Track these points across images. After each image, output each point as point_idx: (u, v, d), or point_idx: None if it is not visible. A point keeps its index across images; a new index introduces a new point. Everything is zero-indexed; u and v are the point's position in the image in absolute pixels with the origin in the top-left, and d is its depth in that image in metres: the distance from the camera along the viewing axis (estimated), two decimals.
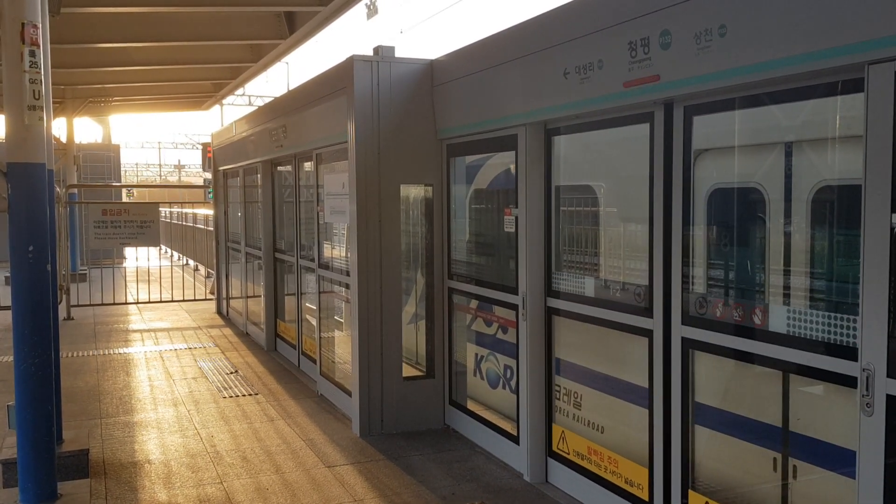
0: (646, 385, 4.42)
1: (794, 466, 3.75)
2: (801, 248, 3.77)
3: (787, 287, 3.80)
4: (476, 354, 6.52)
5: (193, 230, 20.57)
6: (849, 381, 3.26)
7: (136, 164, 62.84)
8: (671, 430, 4.26)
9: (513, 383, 5.76)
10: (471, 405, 6.49)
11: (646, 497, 4.47)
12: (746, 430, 4.00)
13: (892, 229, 2.99)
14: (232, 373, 8.89)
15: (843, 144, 3.51)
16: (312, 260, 8.31)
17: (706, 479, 4.18)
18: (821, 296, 3.66)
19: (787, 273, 3.82)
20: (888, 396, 3.05)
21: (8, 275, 4.83)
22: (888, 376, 3.04)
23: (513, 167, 5.57)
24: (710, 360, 4.11)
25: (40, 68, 4.50)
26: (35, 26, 4.45)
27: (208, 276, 17.69)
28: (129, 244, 13.87)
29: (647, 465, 4.45)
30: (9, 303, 4.73)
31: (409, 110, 6.48)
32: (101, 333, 11.53)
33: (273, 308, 10.38)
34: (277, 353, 10.14)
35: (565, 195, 5.37)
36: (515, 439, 5.66)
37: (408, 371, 6.81)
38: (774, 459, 3.83)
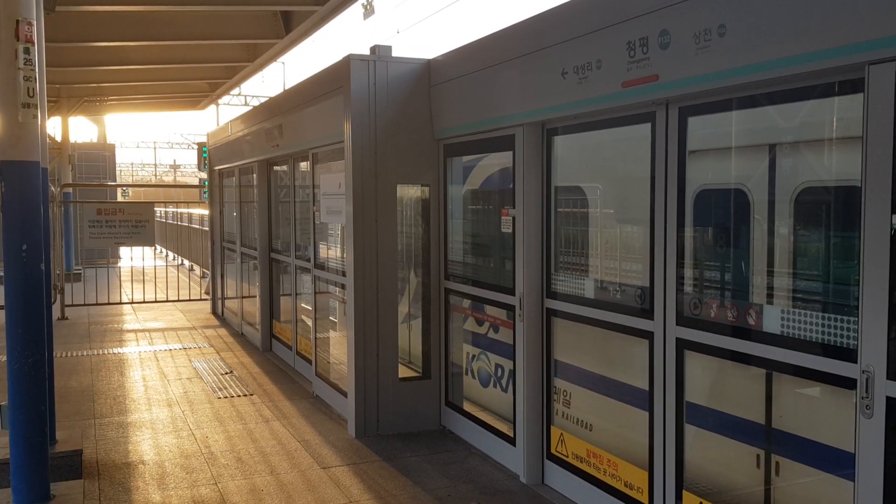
0: (646, 387, 4.40)
1: (778, 463, 3.74)
2: (800, 250, 3.76)
3: (783, 288, 3.79)
4: (473, 356, 6.51)
5: (189, 230, 20.52)
6: (847, 383, 3.24)
7: (132, 164, 62.78)
8: (668, 431, 4.24)
9: (508, 384, 5.74)
10: (467, 406, 6.47)
11: (645, 501, 4.45)
12: (740, 431, 3.98)
13: (892, 230, 2.97)
14: (227, 373, 8.85)
15: (841, 145, 3.50)
16: (308, 260, 8.29)
17: (702, 481, 4.17)
18: (817, 297, 3.65)
19: (782, 274, 3.81)
20: (888, 398, 3.03)
21: (1, 274, 4.79)
22: (888, 378, 3.02)
23: (510, 167, 5.55)
24: (705, 361, 4.10)
25: (35, 66, 4.46)
26: (30, 23, 4.42)
27: (203, 276, 17.65)
28: (124, 244, 13.84)
29: (646, 468, 4.43)
30: (2, 302, 4.69)
31: (406, 110, 6.46)
32: (96, 333, 11.48)
33: (268, 308, 10.35)
34: (273, 353, 10.11)
35: (563, 196, 5.35)
36: (512, 441, 5.64)
37: (403, 372, 6.79)
38: (757, 456, 3.82)
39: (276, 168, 10.15)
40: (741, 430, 4.00)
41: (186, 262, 21.13)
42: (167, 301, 14.68)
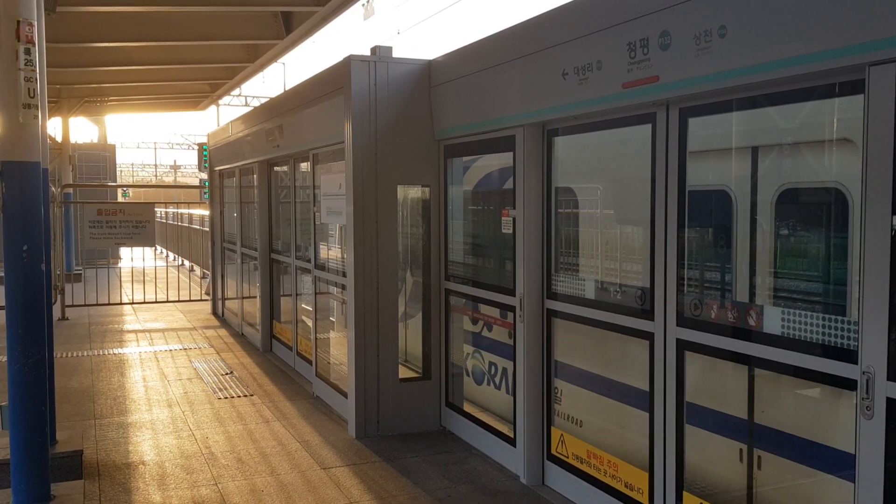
0: (646, 388, 4.40)
1: (760, 457, 3.74)
2: (802, 251, 3.76)
3: (781, 289, 3.79)
4: (468, 354, 6.50)
5: (189, 231, 20.51)
6: (848, 384, 3.24)
7: (132, 165, 62.81)
8: (668, 432, 4.24)
9: (507, 383, 5.74)
10: (467, 407, 6.47)
11: (645, 501, 4.45)
12: (738, 431, 3.98)
13: (892, 231, 2.97)
14: (227, 374, 8.85)
15: (841, 146, 3.50)
16: (309, 261, 8.29)
17: (702, 482, 4.17)
18: (816, 298, 3.65)
19: (780, 275, 3.81)
20: (888, 399, 3.03)
21: (2, 274, 4.79)
22: (888, 379, 3.02)
23: (510, 167, 5.54)
24: (705, 362, 4.10)
25: (35, 66, 4.47)
26: (30, 24, 4.42)
27: (204, 276, 17.64)
28: (124, 244, 13.83)
29: (647, 468, 4.43)
30: (2, 302, 4.69)
31: (406, 111, 6.46)
32: (96, 334, 11.48)
33: (269, 309, 10.35)
34: (273, 354, 10.10)
35: (563, 197, 5.35)
36: (512, 441, 5.64)
37: (404, 372, 6.79)
38: (740, 451, 3.81)
39: (276, 168, 10.15)
40: (737, 429, 4.00)
41: (187, 263, 21.12)
42: (167, 301, 14.68)
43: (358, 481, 5.49)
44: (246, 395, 7.88)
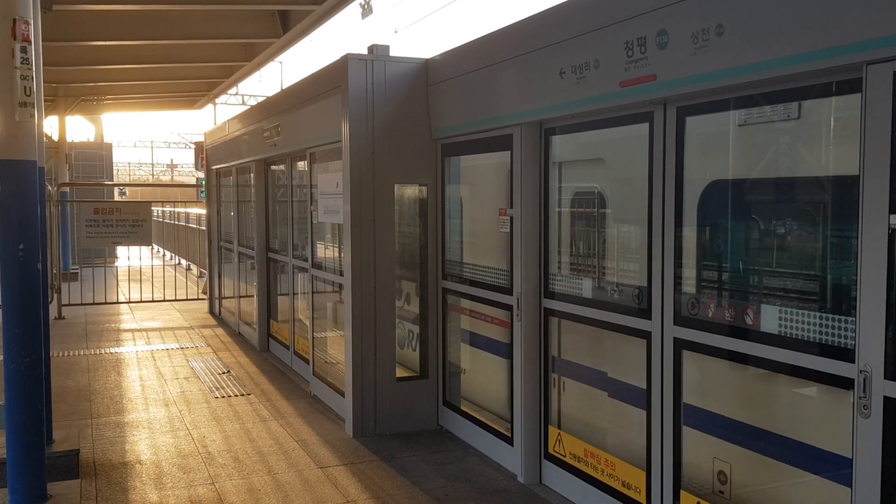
0: (643, 387, 4.40)
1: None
2: (800, 249, 3.77)
3: (781, 288, 3.80)
4: (470, 355, 6.50)
5: (186, 229, 20.49)
6: (845, 383, 3.24)
7: (129, 163, 62.64)
8: (665, 431, 4.24)
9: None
10: (464, 406, 6.47)
11: (643, 500, 4.45)
12: (738, 432, 3.99)
13: (889, 229, 2.97)
14: (224, 373, 8.84)
15: (839, 144, 3.51)
16: (306, 260, 8.28)
17: (698, 480, 4.17)
18: (814, 297, 3.66)
19: (779, 274, 3.82)
20: (885, 398, 3.03)
21: None
22: (886, 378, 3.02)
23: (508, 167, 5.54)
24: (703, 361, 4.10)
25: (32, 65, 4.46)
26: (27, 22, 4.41)
27: (201, 275, 17.62)
28: (121, 243, 13.81)
29: (644, 467, 4.43)
30: None
31: (403, 110, 6.45)
32: (93, 333, 11.46)
33: (266, 308, 10.34)
34: (270, 353, 10.09)
35: (561, 196, 5.35)
36: (509, 440, 5.64)
37: (401, 371, 6.78)
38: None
39: (273, 167, 10.14)
40: (739, 430, 4.00)
41: (184, 262, 21.10)
42: (164, 301, 14.66)
43: (355, 480, 5.48)
44: (243, 395, 7.87)
